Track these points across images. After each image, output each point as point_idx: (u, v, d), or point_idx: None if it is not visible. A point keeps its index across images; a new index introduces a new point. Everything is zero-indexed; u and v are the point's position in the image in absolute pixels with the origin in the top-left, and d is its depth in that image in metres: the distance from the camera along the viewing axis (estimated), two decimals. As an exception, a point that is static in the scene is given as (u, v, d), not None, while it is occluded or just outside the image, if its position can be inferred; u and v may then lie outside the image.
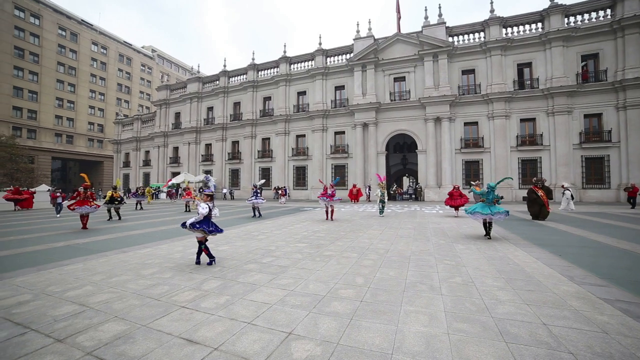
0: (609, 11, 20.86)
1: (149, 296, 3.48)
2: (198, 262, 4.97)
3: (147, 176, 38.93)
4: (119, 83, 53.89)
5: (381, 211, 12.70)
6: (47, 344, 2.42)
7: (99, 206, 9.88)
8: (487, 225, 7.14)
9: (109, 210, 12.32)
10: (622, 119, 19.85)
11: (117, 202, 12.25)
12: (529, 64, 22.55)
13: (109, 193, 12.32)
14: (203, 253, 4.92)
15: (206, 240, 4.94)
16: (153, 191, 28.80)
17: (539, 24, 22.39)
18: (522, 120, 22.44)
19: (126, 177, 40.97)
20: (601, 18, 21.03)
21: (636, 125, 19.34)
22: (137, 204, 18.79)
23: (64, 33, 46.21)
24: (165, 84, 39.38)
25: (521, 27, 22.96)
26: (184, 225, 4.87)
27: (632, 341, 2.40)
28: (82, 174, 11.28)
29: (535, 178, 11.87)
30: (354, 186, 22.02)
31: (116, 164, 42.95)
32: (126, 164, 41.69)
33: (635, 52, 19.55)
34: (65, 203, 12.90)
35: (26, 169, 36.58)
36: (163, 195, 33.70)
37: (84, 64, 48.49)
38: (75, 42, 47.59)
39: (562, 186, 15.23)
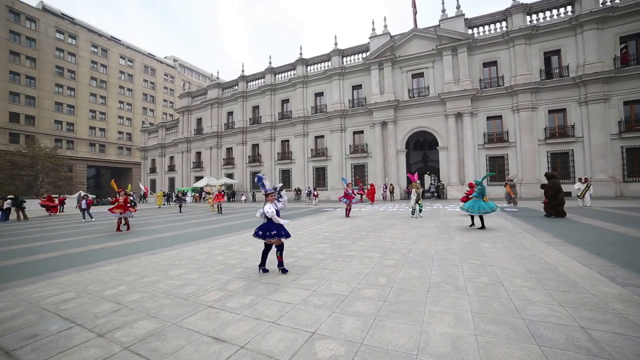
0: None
1: (178, 296, 3.63)
2: (264, 269, 4.54)
3: (172, 181, 40.58)
4: (144, 93, 56.75)
5: (414, 211, 11.47)
6: (90, 338, 2.61)
7: (135, 210, 10.66)
8: (480, 219, 8.24)
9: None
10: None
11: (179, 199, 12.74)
12: (557, 52, 21.32)
13: (159, 193, 12.75)
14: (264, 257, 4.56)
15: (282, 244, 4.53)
16: (164, 196, 30.16)
17: (569, 8, 21.09)
18: (550, 111, 21.25)
19: (153, 182, 42.92)
20: (638, -3, 19.46)
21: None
22: (179, 207, 19.66)
23: (96, 50, 49.68)
24: (187, 92, 40.92)
25: (547, 13, 21.75)
26: (259, 235, 4.39)
27: (683, 346, 2.20)
28: (112, 183, 11.94)
29: (547, 173, 10.78)
30: (372, 186, 22.15)
31: (143, 170, 45.14)
32: (152, 170, 43.69)
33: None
34: (95, 209, 13.71)
35: (66, 177, 39.48)
36: (188, 199, 34.97)
37: (113, 77, 51.71)
38: (106, 57, 50.90)
39: (582, 180, 14.31)
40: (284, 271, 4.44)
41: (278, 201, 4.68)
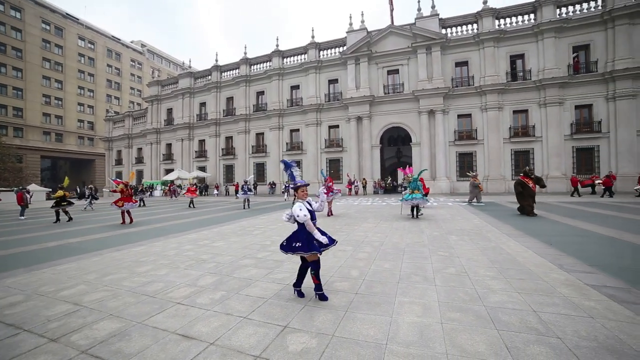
0: (600, 1, 20.97)
1: (144, 293, 3.47)
2: (300, 292, 3.29)
3: (140, 173, 38.50)
4: (108, 79, 52.78)
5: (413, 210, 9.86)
6: (40, 344, 2.40)
7: (136, 202, 10.77)
8: (415, 209, 9.52)
9: (57, 212, 11.15)
10: (611, 110, 20.13)
11: (66, 203, 11.24)
12: (521, 56, 22.63)
13: (58, 192, 11.33)
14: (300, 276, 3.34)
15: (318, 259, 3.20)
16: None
17: (532, 15, 22.43)
18: (514, 112, 22.61)
19: (119, 175, 40.45)
20: (592, 9, 21.15)
21: (625, 116, 19.63)
22: (141, 201, 18.60)
23: (47, 27, 44.68)
24: (156, 80, 38.70)
25: (514, 19, 22.97)
26: (283, 246, 3.24)
27: (616, 324, 2.49)
28: (65, 180, 11.59)
29: (527, 167, 10.92)
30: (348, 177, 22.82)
31: (108, 161, 42.36)
32: (118, 162, 41.13)
33: (625, 43, 19.73)
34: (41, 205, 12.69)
35: (14, 169, 35.82)
36: (157, 193, 33.42)
37: (70, 59, 47.16)
38: (61, 37, 46.19)
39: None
40: (323, 298, 3.13)
41: (245, 193, 3.81)
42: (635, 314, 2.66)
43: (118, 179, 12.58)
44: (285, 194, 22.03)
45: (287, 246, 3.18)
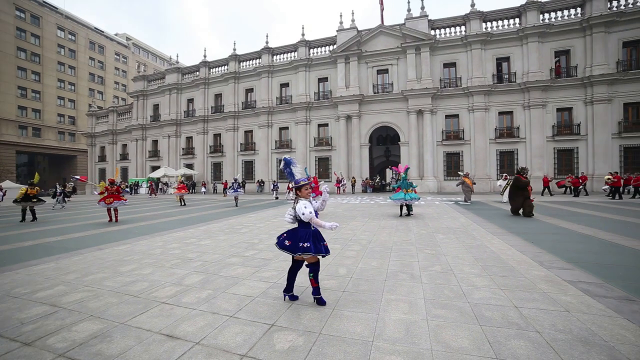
0: (579, 9, 21.76)
1: (128, 293, 3.38)
2: (292, 296, 3.12)
3: (125, 170, 37.48)
4: (91, 72, 50.93)
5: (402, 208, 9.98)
6: (12, 349, 2.29)
7: (126, 199, 10.33)
8: (407, 207, 9.74)
9: (23, 211, 10.46)
10: (589, 113, 20.95)
11: (33, 200, 10.51)
12: (507, 59, 23.22)
13: (22, 190, 10.64)
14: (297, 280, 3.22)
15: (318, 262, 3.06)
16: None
17: (517, 20, 23.02)
18: (500, 113, 23.19)
19: (102, 172, 39.27)
20: (572, 16, 21.93)
21: (601, 120, 20.51)
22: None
23: (22, 15, 42.13)
24: (142, 75, 37.69)
25: (500, 22, 23.53)
26: (285, 246, 2.95)
27: (589, 317, 2.61)
28: (36, 176, 11.20)
29: (520, 167, 10.49)
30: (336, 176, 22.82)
31: (91, 158, 41.02)
32: (102, 158, 39.89)
33: (602, 50, 20.58)
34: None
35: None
36: (142, 191, 32.63)
37: (49, 50, 44.82)
38: (38, 26, 43.75)
39: (504, 177, 14.79)
40: (321, 302, 2.98)
41: (235, 191, 3.51)
42: (606, 307, 2.81)
43: (85, 176, 12.21)
44: (275, 192, 21.87)
45: (293, 246, 2.90)
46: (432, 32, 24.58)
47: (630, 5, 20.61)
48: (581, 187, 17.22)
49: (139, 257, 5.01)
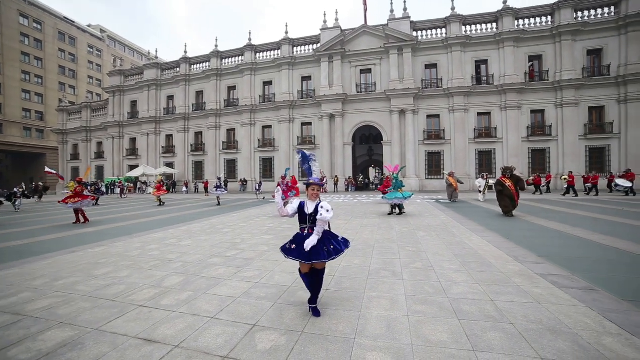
0: (550, 17, 22.87)
1: (102, 297, 3.24)
2: (314, 308, 2.76)
3: (100, 169, 35.86)
4: (60, 65, 47.91)
5: (394, 208, 10.12)
6: (-35, 365, 2.11)
7: (94, 198, 9.69)
8: (398, 207, 9.89)
9: None
10: (559, 115, 22.11)
11: None
12: (485, 61, 24.03)
13: None
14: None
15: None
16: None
17: (494, 24, 23.87)
18: (479, 114, 23.98)
19: (76, 171, 37.32)
20: (544, 23, 23.03)
21: (570, 122, 21.74)
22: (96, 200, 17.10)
23: None
24: (119, 69, 36.09)
25: (479, 26, 24.31)
26: (323, 256, 2.62)
27: (558, 307, 2.77)
28: None
29: (502, 167, 10.55)
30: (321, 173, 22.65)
31: (62, 156, 38.87)
32: (75, 157, 37.91)
33: (570, 57, 21.86)
34: None
35: None
36: (118, 190, 31.29)
37: (10, 39, 40.85)
38: (-6, 11, 39.47)
39: (483, 176, 15.29)
40: (316, 313, 2.70)
41: (217, 190, 3.29)
42: (571, 297, 3.00)
43: (63, 176, 11.45)
44: (258, 191, 21.58)
45: (319, 253, 2.57)
46: (415, 34, 25.05)
47: (592, 17, 22.03)
48: (544, 185, 19.05)
49: (115, 260, 4.81)
